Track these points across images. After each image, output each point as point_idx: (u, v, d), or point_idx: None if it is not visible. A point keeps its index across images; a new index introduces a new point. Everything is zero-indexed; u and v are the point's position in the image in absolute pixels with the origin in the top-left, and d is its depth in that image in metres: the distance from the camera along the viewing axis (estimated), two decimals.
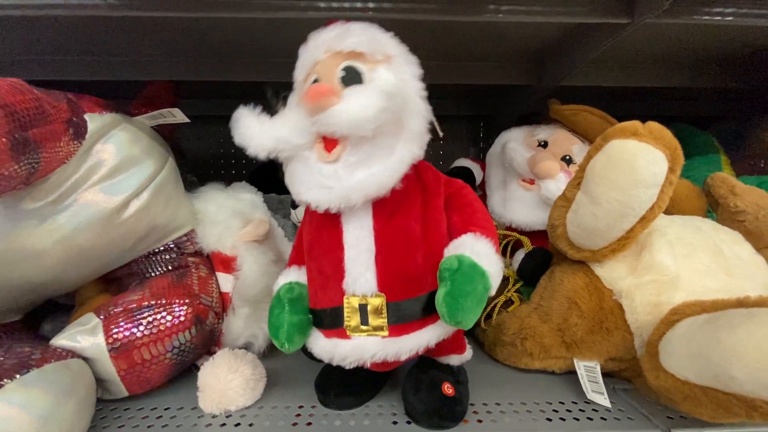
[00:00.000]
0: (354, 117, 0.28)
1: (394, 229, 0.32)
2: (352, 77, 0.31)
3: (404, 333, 0.32)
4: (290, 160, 0.32)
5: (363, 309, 0.31)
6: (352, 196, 0.29)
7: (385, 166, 0.30)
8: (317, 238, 0.34)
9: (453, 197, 0.35)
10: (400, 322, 0.32)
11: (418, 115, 0.31)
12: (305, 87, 0.32)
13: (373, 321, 0.31)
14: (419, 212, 0.33)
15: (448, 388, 0.35)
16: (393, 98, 0.29)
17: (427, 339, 0.32)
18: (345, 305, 0.32)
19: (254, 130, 0.31)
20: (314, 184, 0.30)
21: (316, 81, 0.32)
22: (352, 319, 0.32)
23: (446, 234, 0.34)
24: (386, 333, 0.31)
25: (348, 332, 0.32)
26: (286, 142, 0.30)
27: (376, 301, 0.31)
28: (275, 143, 0.30)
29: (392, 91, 0.29)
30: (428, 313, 0.32)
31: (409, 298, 0.32)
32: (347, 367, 0.33)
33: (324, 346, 0.34)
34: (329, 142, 0.30)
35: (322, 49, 0.32)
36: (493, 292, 0.31)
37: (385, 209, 0.32)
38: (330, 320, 0.33)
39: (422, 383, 0.36)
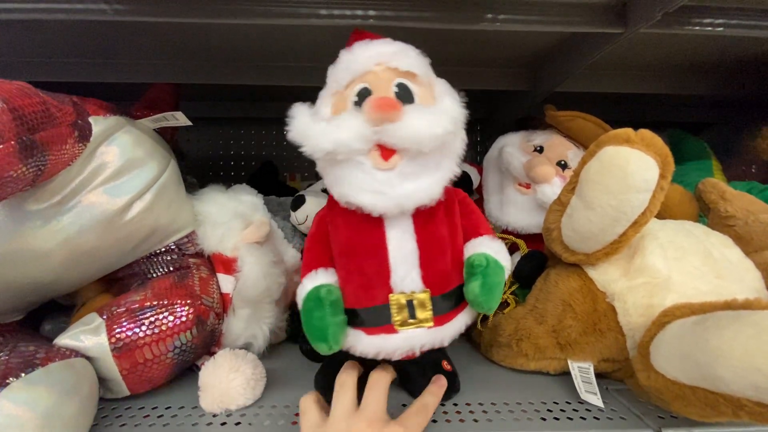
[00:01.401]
0: (421, 133, 0.31)
1: (430, 234, 0.35)
2: (404, 95, 0.34)
3: (444, 322, 0.36)
4: (340, 164, 0.33)
5: (410, 304, 0.34)
6: (405, 204, 0.32)
7: (432, 180, 0.33)
8: (357, 239, 0.35)
9: (461, 204, 0.39)
10: (440, 313, 0.35)
11: (461, 140, 0.35)
12: (348, 93, 0.34)
13: (420, 314, 0.34)
14: (443, 218, 0.36)
15: (446, 365, 0.41)
16: (456, 124, 0.32)
17: (459, 326, 0.37)
18: (391, 302, 0.34)
19: (312, 131, 0.32)
20: (368, 188, 0.32)
21: (366, 90, 0.34)
22: (399, 315, 0.34)
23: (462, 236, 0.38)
24: (431, 324, 0.35)
25: (396, 327, 0.35)
26: (345, 146, 0.31)
27: (422, 297, 0.34)
28: (334, 146, 0.31)
29: (458, 117, 0.33)
30: (457, 305, 0.37)
31: (444, 293, 0.36)
32: (394, 360, 0.36)
33: (371, 343, 0.35)
34: (385, 151, 0.32)
35: (375, 61, 0.34)
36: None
37: (422, 216, 0.35)
38: (374, 318, 0.35)
39: (427, 364, 0.40)
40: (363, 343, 0.35)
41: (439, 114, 0.32)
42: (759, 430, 0.35)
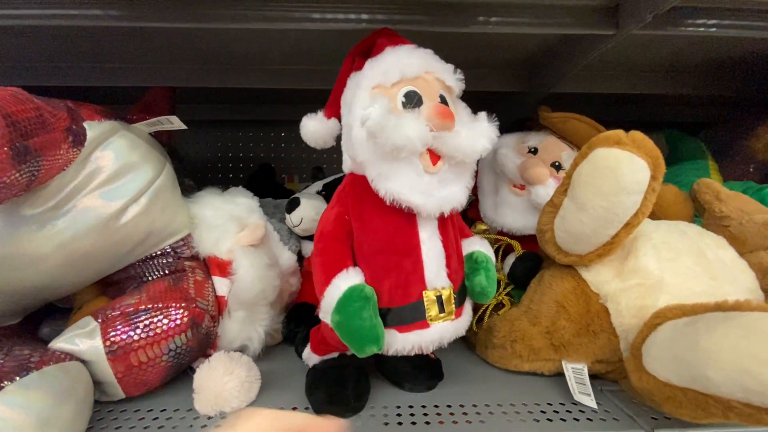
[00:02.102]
0: (469, 146, 0.34)
1: (449, 235, 0.38)
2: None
3: (460, 315, 0.39)
4: (397, 161, 0.34)
5: (439, 300, 0.36)
6: (444, 206, 0.35)
7: (460, 187, 0.36)
8: (396, 238, 0.36)
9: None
10: (458, 306, 0.38)
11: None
12: (394, 91, 0.35)
13: (447, 308, 0.37)
14: (450, 222, 0.39)
15: (431, 354, 0.45)
16: (492, 144, 0.36)
17: (468, 317, 0.41)
18: (425, 299, 0.36)
19: (389, 123, 0.32)
20: (418, 189, 0.34)
21: (414, 93, 0.35)
22: (431, 310, 0.36)
23: None
24: (454, 317, 0.38)
25: (429, 322, 0.36)
26: (412, 145, 0.32)
27: (448, 292, 0.37)
28: (405, 143, 0.32)
29: (494, 138, 0.36)
30: (464, 298, 0.41)
31: (458, 288, 0.39)
32: (425, 353, 0.37)
33: (407, 340, 0.36)
34: (434, 156, 0.34)
35: (424, 68, 0.36)
36: None
37: (442, 219, 0.38)
38: (409, 315, 0.36)
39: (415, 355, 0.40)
40: (398, 341, 0.36)
41: (481, 132, 0.35)
42: (749, 431, 0.35)
